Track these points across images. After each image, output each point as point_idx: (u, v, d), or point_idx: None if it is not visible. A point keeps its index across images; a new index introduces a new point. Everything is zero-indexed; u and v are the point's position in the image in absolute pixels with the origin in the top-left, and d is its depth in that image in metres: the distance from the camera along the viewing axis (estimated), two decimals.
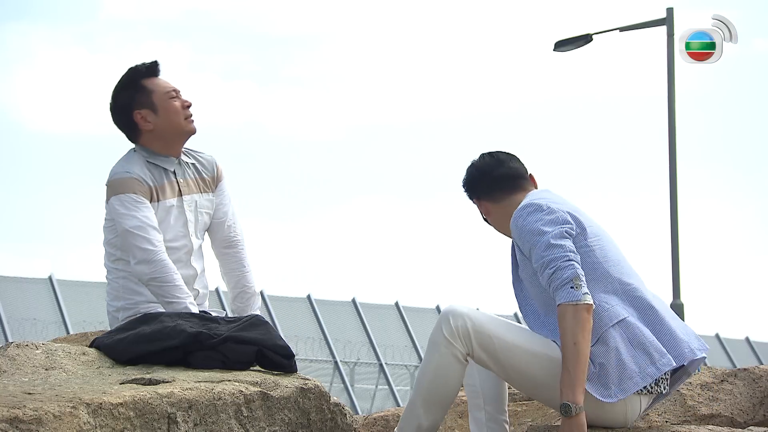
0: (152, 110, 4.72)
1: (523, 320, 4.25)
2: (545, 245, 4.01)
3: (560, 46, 15.83)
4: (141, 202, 4.61)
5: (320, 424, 4.12)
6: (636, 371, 3.95)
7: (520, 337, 4.03)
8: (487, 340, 3.98)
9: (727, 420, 4.76)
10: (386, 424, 5.13)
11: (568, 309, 3.90)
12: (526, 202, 4.18)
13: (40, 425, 3.40)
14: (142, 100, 4.73)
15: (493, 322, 4.02)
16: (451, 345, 3.97)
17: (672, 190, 14.61)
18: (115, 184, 4.64)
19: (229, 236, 4.87)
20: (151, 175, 4.68)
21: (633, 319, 4.01)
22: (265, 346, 4.24)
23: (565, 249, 4.00)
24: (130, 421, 3.66)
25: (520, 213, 4.13)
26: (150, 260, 4.53)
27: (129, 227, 4.56)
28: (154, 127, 4.72)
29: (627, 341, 3.97)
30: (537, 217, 4.08)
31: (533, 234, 4.05)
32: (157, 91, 4.74)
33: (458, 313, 4.00)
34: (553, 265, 3.97)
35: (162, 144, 4.73)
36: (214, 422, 3.84)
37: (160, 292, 4.52)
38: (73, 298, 19.69)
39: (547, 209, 4.09)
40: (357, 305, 22.39)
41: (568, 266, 3.95)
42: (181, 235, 4.72)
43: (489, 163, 4.36)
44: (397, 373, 22.23)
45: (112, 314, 4.72)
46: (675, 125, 14.83)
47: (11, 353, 4.12)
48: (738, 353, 26.88)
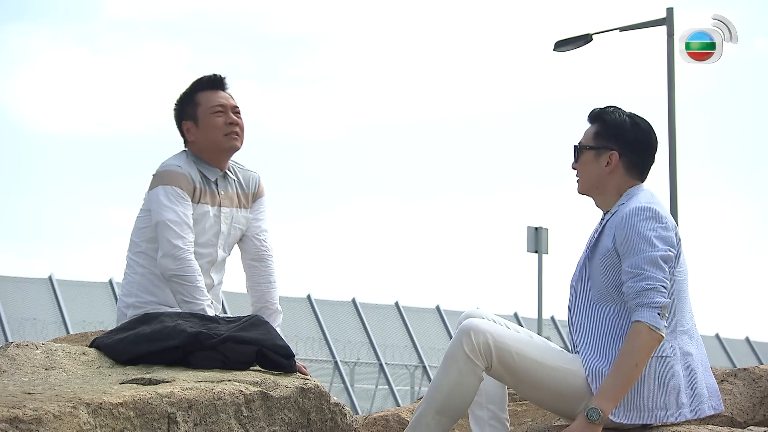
0: (195, 123, 4.82)
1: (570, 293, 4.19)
2: (652, 260, 3.94)
3: (560, 46, 15.83)
4: (184, 198, 4.68)
5: (320, 424, 4.12)
6: (648, 406, 3.95)
7: (540, 352, 3.99)
8: (507, 356, 3.94)
9: (726, 420, 4.76)
10: (386, 424, 5.13)
11: (645, 330, 3.87)
12: (646, 204, 4.04)
13: (40, 425, 3.40)
14: (189, 112, 4.83)
15: (512, 337, 3.98)
16: (471, 361, 3.92)
17: (672, 190, 14.61)
18: (163, 174, 4.72)
19: (260, 250, 4.93)
20: (198, 177, 4.76)
21: (673, 361, 3.99)
22: (265, 346, 4.25)
23: (666, 274, 3.95)
24: (130, 421, 3.66)
25: (638, 212, 4.01)
26: (177, 257, 4.56)
27: (166, 219, 4.61)
28: (195, 140, 4.82)
29: (656, 377, 3.96)
30: (653, 226, 3.99)
31: (643, 241, 3.97)
32: (204, 105, 4.82)
33: (480, 330, 3.94)
34: (651, 284, 3.91)
35: (205, 156, 4.81)
36: (214, 422, 3.84)
37: (180, 290, 4.55)
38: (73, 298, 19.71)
39: (664, 223, 4.01)
40: (357, 305, 22.39)
41: (664, 294, 3.91)
42: (210, 243, 4.78)
43: (649, 129, 4.20)
44: (397, 373, 22.23)
45: (122, 310, 4.74)
46: (675, 125, 14.82)
47: (11, 353, 4.12)
48: (738, 353, 26.89)
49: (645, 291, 3.91)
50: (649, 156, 4.19)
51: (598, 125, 4.20)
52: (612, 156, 4.15)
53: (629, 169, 4.16)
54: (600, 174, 4.17)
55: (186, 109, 4.85)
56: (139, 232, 4.76)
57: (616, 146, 4.15)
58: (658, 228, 3.99)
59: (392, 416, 5.14)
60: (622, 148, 4.15)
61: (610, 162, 4.15)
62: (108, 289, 20.15)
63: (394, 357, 22.22)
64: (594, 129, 4.20)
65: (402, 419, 5.10)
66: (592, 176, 4.19)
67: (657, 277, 3.93)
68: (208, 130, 4.79)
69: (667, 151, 14.77)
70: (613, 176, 4.16)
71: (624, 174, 4.16)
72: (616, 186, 4.15)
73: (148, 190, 4.76)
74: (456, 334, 3.98)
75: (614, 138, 4.16)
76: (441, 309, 23.34)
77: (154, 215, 4.66)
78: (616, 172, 4.16)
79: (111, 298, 19.85)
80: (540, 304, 18.46)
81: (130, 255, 4.79)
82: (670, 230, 4.01)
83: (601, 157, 4.16)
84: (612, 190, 4.16)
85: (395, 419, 5.11)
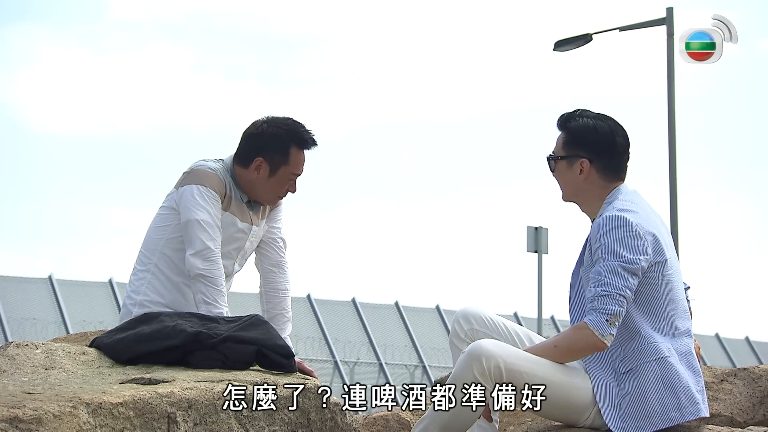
0: (269, 171, 4.75)
1: (569, 298, 4.18)
2: (611, 269, 3.91)
3: (560, 46, 15.82)
4: (216, 200, 4.67)
5: (320, 423, 4.12)
6: (658, 411, 3.92)
7: (549, 371, 3.96)
8: (518, 377, 3.90)
9: (726, 420, 4.76)
10: (386, 424, 5.12)
11: (587, 333, 3.88)
12: (617, 211, 3.98)
13: (39, 425, 3.40)
14: (274, 159, 4.75)
15: (521, 357, 3.94)
16: (480, 384, 3.88)
17: (672, 190, 14.59)
18: (198, 173, 4.69)
19: (278, 256, 4.96)
20: (232, 188, 4.75)
21: (674, 360, 3.96)
22: (264, 345, 4.24)
23: (627, 283, 3.91)
24: (130, 420, 3.65)
25: (605, 222, 3.97)
26: (207, 257, 4.57)
27: (199, 218, 4.60)
28: (255, 179, 4.75)
29: (660, 380, 3.93)
30: (619, 236, 3.94)
31: (607, 251, 3.93)
32: (290, 165, 4.76)
33: (492, 355, 3.88)
34: (607, 291, 3.89)
35: (245, 187, 4.78)
36: (214, 422, 3.84)
37: (203, 290, 4.54)
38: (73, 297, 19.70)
39: (634, 231, 3.94)
40: (357, 305, 22.39)
41: (619, 302, 3.89)
42: (229, 256, 4.78)
43: (612, 129, 4.12)
44: (397, 373, 22.22)
45: (128, 307, 4.73)
46: (675, 125, 14.82)
47: (11, 353, 4.12)
48: (738, 353, 26.88)
49: (599, 297, 3.90)
50: (619, 156, 4.13)
51: (565, 133, 4.16)
52: (583, 163, 4.11)
53: (604, 172, 4.11)
54: (576, 182, 4.13)
55: (273, 151, 4.74)
56: (158, 229, 4.73)
57: (585, 153, 4.11)
58: (625, 237, 3.93)
59: (392, 416, 5.14)
60: (591, 153, 4.10)
61: (582, 169, 4.11)
62: (108, 289, 20.15)
63: (393, 357, 22.22)
64: (563, 137, 4.17)
65: (402, 419, 5.11)
66: (569, 185, 4.15)
67: (615, 284, 3.89)
68: (273, 186, 4.77)
69: (667, 151, 14.77)
70: (590, 182, 4.12)
71: (600, 179, 4.11)
72: (596, 192, 4.11)
73: (176, 187, 4.71)
74: (465, 358, 3.91)
75: (580, 145, 4.11)
76: (441, 309, 23.35)
77: (184, 213, 4.63)
78: (591, 179, 4.11)
79: (111, 298, 19.85)
80: (540, 304, 18.45)
81: (144, 252, 4.76)
82: (641, 238, 3.95)
83: (573, 166, 4.13)
84: (593, 197, 4.12)
85: (395, 419, 5.11)
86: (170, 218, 4.69)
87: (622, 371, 3.97)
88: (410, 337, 22.57)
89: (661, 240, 4.02)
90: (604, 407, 3.95)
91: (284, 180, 4.75)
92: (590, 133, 4.10)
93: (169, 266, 4.71)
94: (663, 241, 4.03)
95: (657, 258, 3.99)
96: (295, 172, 4.76)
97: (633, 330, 3.98)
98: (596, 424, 4.00)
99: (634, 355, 3.95)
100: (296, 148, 4.76)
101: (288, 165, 4.75)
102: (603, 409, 3.94)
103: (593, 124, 4.11)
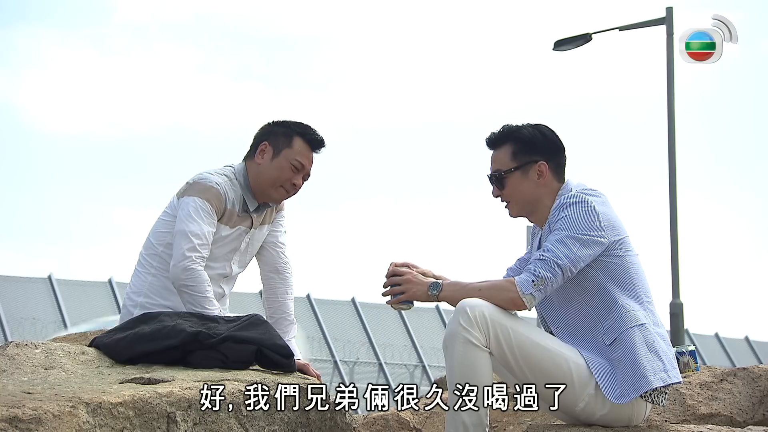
0: (273, 154, 4.78)
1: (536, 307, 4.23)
2: (559, 238, 4.03)
3: (560, 46, 15.82)
4: (212, 216, 4.69)
5: (320, 423, 4.12)
6: (650, 371, 3.98)
7: (537, 334, 4.03)
8: (504, 331, 3.95)
9: (726, 419, 4.77)
10: (386, 424, 5.13)
11: (510, 287, 3.98)
12: (575, 193, 4.14)
13: (39, 425, 3.40)
14: (278, 142, 4.80)
15: (508, 315, 4.01)
16: (469, 332, 3.93)
17: (671, 190, 14.59)
18: (200, 186, 4.71)
19: (278, 262, 4.97)
20: (234, 198, 4.75)
21: (650, 327, 4.05)
22: (264, 345, 4.25)
23: (570, 252, 4.01)
24: (130, 420, 3.66)
25: (565, 200, 4.12)
26: (186, 267, 4.58)
27: (188, 230, 4.63)
28: (261, 163, 4.78)
29: (644, 343, 4.00)
30: (575, 210, 4.07)
31: (562, 224, 4.06)
32: (293, 150, 4.78)
33: (476, 305, 3.97)
34: (544, 257, 4.01)
35: (253, 184, 4.80)
36: (214, 421, 3.84)
37: (190, 300, 4.57)
38: (73, 297, 19.70)
39: (591, 207, 4.07)
40: (357, 305, 22.39)
41: (551, 268, 4.00)
42: (225, 258, 4.79)
43: (553, 130, 4.29)
44: (397, 373, 22.22)
45: (129, 308, 4.74)
46: (675, 125, 14.82)
47: (11, 352, 4.12)
48: (737, 353, 26.88)
49: (535, 260, 4.03)
50: (564, 155, 4.29)
51: (511, 145, 4.25)
52: (541, 166, 4.22)
53: (556, 172, 4.25)
54: (534, 189, 4.23)
55: (278, 136, 4.81)
56: (158, 234, 4.77)
57: (541, 156, 4.23)
58: (580, 211, 4.07)
59: (392, 416, 5.14)
60: (546, 155, 4.24)
61: (541, 173, 4.23)
62: (108, 289, 20.14)
63: (393, 356, 22.22)
64: (509, 150, 4.26)
65: (402, 419, 5.11)
66: (526, 195, 4.24)
67: (554, 251, 4.02)
68: (274, 170, 4.77)
69: (667, 151, 14.77)
70: (544, 185, 4.23)
71: (553, 180, 4.24)
72: (549, 195, 4.22)
73: (177, 195, 4.75)
74: (453, 314, 4.01)
75: (534, 149, 4.23)
76: (440, 309, 23.36)
77: (178, 223, 4.66)
78: (547, 181, 4.24)
79: (111, 298, 19.85)
80: None
81: (145, 255, 4.79)
82: (596, 214, 4.06)
83: (529, 173, 4.23)
84: (548, 201, 4.22)
85: (395, 419, 5.11)
86: (170, 225, 4.73)
87: (607, 343, 4.03)
88: (410, 337, 22.57)
89: (617, 220, 4.13)
90: (601, 381, 3.98)
91: (287, 165, 4.76)
92: (538, 137, 4.24)
93: (168, 271, 4.72)
94: (619, 221, 4.14)
95: (615, 235, 4.09)
96: (298, 158, 4.77)
97: (610, 302, 4.06)
98: (590, 408, 3.99)
99: (616, 325, 4.02)
100: (301, 140, 4.81)
101: (291, 149, 4.78)
102: (601, 383, 3.96)
103: (535, 130, 4.26)
